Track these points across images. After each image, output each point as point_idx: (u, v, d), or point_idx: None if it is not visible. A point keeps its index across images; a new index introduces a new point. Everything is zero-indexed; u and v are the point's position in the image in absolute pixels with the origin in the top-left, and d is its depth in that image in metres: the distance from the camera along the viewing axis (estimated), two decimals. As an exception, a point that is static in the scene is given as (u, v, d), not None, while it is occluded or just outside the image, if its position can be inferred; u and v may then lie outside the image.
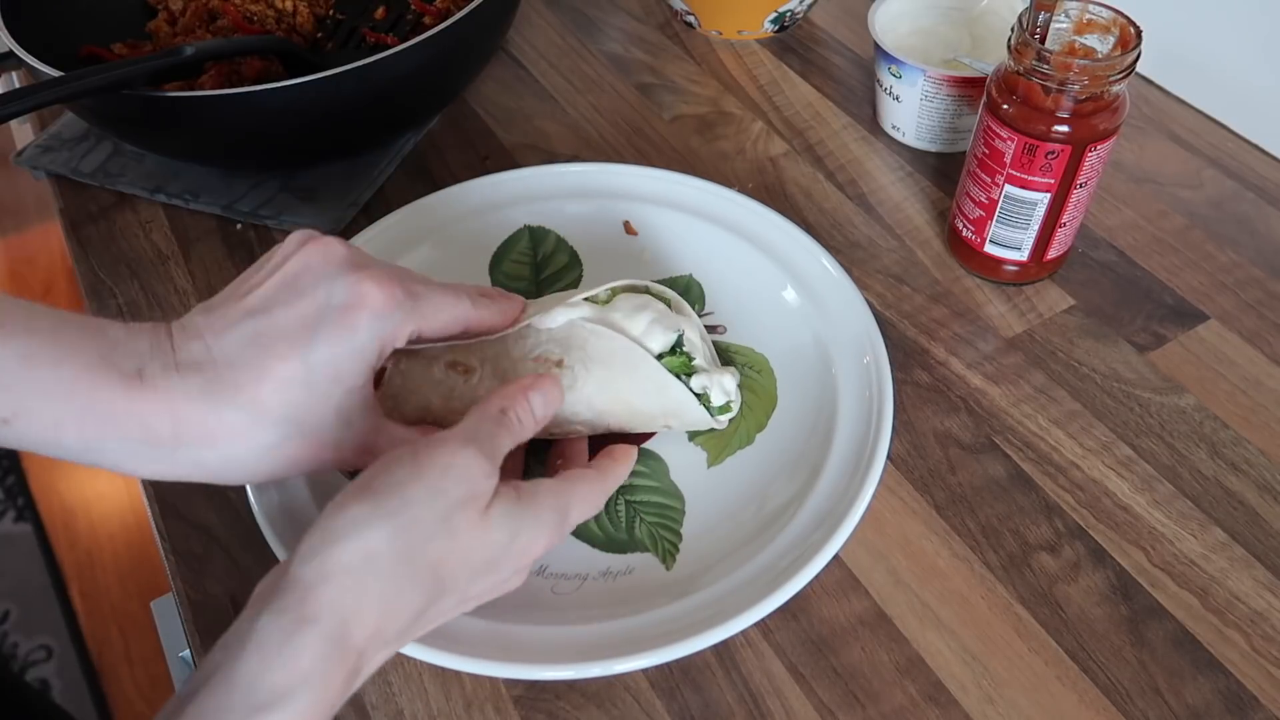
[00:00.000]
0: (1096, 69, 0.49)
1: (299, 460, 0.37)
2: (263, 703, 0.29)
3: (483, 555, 0.35)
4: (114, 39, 0.69)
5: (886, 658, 0.45)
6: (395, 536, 0.32)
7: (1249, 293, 0.59)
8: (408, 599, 0.33)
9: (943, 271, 0.61)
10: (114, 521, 1.55)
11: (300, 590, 0.31)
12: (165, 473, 0.36)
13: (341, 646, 0.31)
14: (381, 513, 0.32)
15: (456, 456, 0.34)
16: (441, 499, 0.33)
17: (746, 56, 0.78)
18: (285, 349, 0.35)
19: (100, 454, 0.34)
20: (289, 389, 0.35)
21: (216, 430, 0.35)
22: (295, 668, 0.30)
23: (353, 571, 0.31)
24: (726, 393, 0.48)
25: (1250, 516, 0.49)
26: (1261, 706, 0.43)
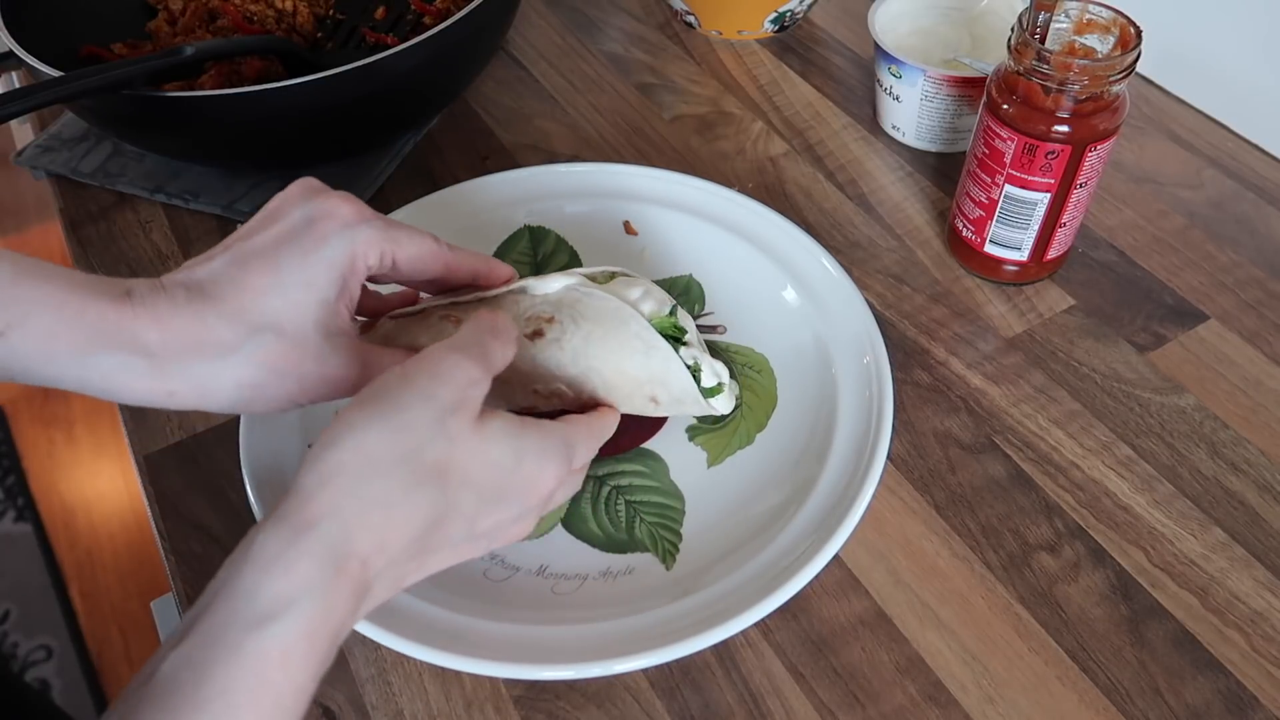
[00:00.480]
0: (1096, 69, 0.49)
1: (284, 370, 0.37)
2: (263, 613, 0.28)
3: (486, 475, 0.34)
4: (114, 39, 0.69)
5: (886, 658, 0.45)
6: (392, 437, 0.32)
7: (1249, 293, 0.59)
8: (413, 504, 0.32)
9: (943, 271, 0.61)
10: (114, 521, 1.55)
11: (300, 497, 0.30)
12: (156, 390, 0.36)
13: (343, 553, 0.30)
14: (375, 415, 0.32)
15: (443, 361, 0.34)
16: (433, 402, 0.33)
17: (746, 56, 0.78)
18: (260, 263, 0.37)
19: (93, 367, 0.35)
20: (265, 296, 0.36)
21: (202, 338, 0.36)
22: (295, 575, 0.29)
23: (351, 472, 0.31)
24: (718, 375, 0.46)
25: (1250, 516, 0.49)
26: (1261, 706, 0.43)
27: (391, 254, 0.40)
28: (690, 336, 0.46)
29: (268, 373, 0.37)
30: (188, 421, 0.55)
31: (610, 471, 0.50)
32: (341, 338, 0.39)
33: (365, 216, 0.39)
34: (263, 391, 0.37)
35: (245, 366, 0.36)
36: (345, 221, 0.38)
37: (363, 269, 0.39)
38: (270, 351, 0.37)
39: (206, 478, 0.52)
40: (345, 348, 0.39)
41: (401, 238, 0.40)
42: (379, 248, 0.39)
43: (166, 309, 0.36)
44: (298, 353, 0.37)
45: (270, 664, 0.28)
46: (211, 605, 0.29)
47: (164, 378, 0.36)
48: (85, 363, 0.35)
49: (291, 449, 0.50)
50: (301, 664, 0.28)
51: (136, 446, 0.54)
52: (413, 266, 0.41)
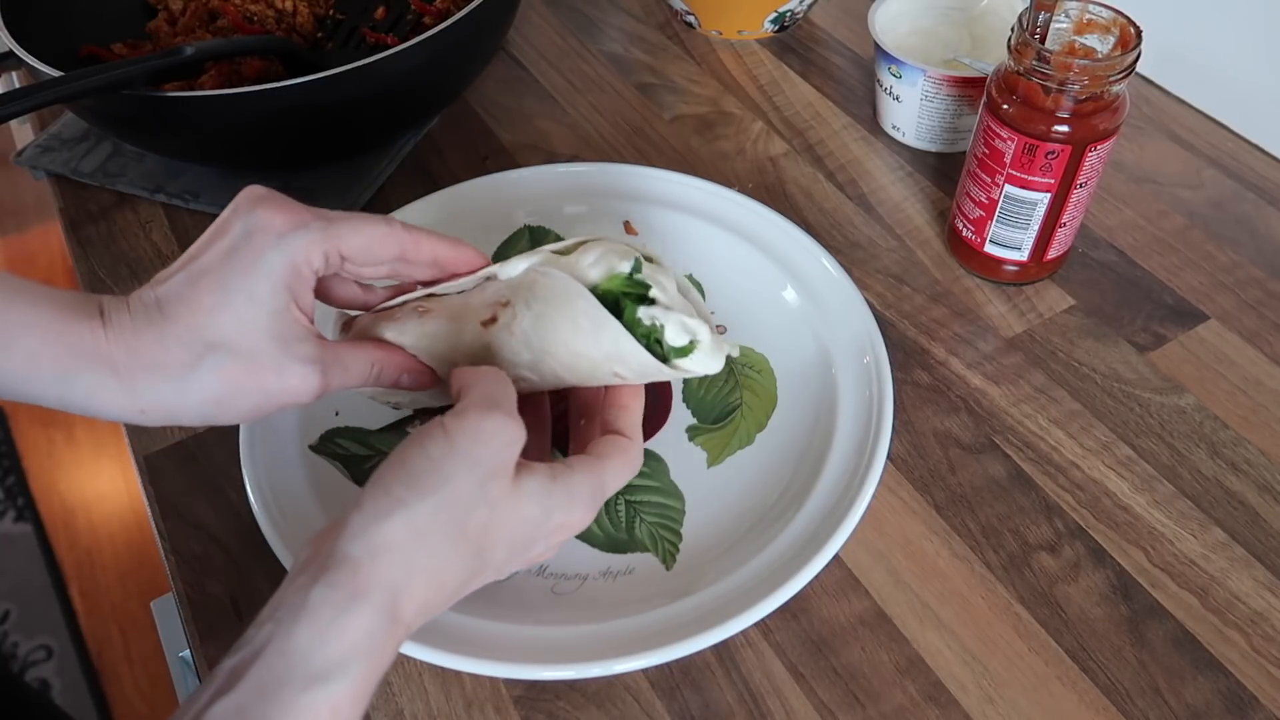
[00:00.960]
0: (1096, 69, 0.49)
1: (244, 386, 0.38)
2: (318, 673, 0.30)
3: (518, 530, 0.36)
4: (114, 39, 0.69)
5: (886, 658, 0.45)
6: (439, 511, 0.34)
7: (1249, 293, 0.59)
8: (453, 570, 0.35)
9: (943, 271, 0.61)
10: (114, 521, 1.55)
11: (351, 567, 0.32)
12: (129, 408, 0.37)
13: (392, 619, 0.32)
14: (422, 490, 0.34)
15: (484, 421, 0.35)
16: (478, 467, 0.34)
17: (746, 56, 0.78)
18: (208, 281, 0.38)
19: (73, 387, 0.36)
20: (215, 315, 0.37)
21: (161, 359, 0.37)
22: (350, 640, 0.31)
23: (401, 548, 0.33)
24: (689, 331, 0.41)
25: (1250, 516, 0.49)
26: (1261, 706, 0.43)
27: (336, 251, 0.39)
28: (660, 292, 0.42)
29: (228, 389, 0.37)
30: (188, 421, 0.55)
31: (610, 471, 0.50)
32: (301, 345, 0.39)
33: (300, 222, 0.38)
34: (228, 407, 0.38)
35: (205, 386, 0.37)
36: (279, 232, 0.38)
37: (309, 274, 0.39)
38: (227, 370, 0.37)
39: (206, 478, 0.52)
40: (304, 356, 0.39)
41: (344, 232, 0.39)
42: (320, 249, 0.38)
43: (129, 330, 0.37)
44: (254, 368, 0.38)
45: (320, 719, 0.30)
46: (261, 658, 0.31)
47: (134, 396, 0.37)
48: (65, 381, 0.36)
49: (291, 449, 0.50)
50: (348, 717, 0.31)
51: (136, 446, 0.54)
52: (364, 256, 0.40)
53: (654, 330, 0.41)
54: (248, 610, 0.47)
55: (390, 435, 0.52)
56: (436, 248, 0.42)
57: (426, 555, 0.33)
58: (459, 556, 0.34)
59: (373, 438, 0.52)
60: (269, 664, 0.30)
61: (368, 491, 0.34)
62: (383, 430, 0.52)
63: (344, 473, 0.50)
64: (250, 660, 0.31)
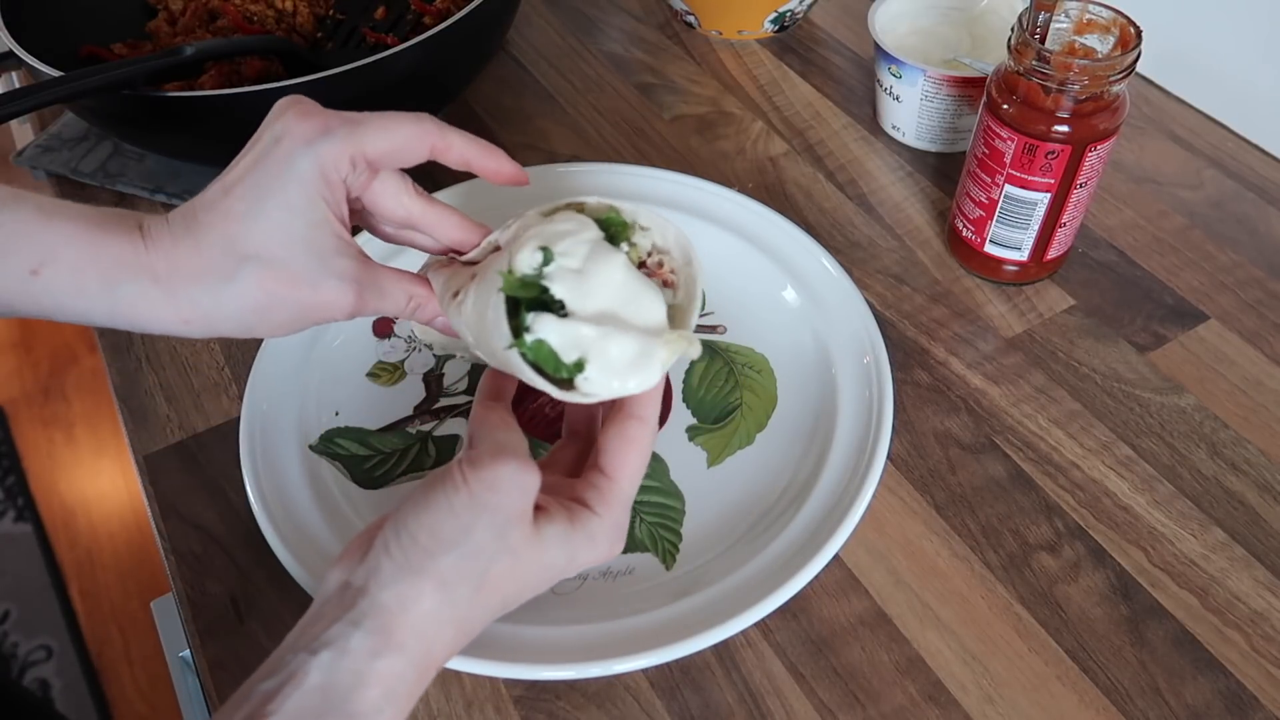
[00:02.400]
0: (1096, 69, 0.49)
1: (280, 296, 0.38)
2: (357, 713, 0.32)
3: (541, 575, 0.37)
4: (114, 39, 0.69)
5: (886, 658, 0.45)
6: (462, 562, 0.34)
7: (1249, 293, 0.59)
8: (478, 616, 0.36)
9: (943, 271, 0.61)
10: (114, 521, 1.55)
11: (386, 615, 0.33)
12: (173, 318, 0.38)
13: (424, 666, 0.34)
14: (445, 542, 0.34)
15: (499, 469, 0.35)
16: (498, 516, 0.35)
17: (746, 56, 0.78)
18: (241, 189, 0.38)
19: (118, 297, 0.37)
20: (250, 223, 0.37)
21: (201, 269, 0.37)
22: (386, 685, 0.33)
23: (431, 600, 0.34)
24: (579, 348, 0.34)
25: (1250, 516, 0.49)
26: (1261, 706, 0.43)
27: (362, 155, 0.38)
28: (570, 293, 0.35)
29: (264, 299, 0.38)
30: (188, 421, 0.55)
31: (610, 471, 0.50)
32: (337, 259, 0.38)
33: (327, 128, 0.38)
34: (266, 316, 0.38)
35: (243, 294, 0.37)
36: (305, 138, 0.38)
37: (338, 181, 0.38)
38: (263, 278, 0.37)
39: (206, 478, 0.52)
40: (340, 271, 0.38)
41: (369, 135, 0.38)
42: (346, 154, 0.38)
43: (169, 241, 0.37)
44: (290, 278, 0.38)
45: None
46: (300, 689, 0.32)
47: (176, 306, 0.37)
48: (112, 294, 0.37)
49: (291, 449, 0.50)
50: None
51: (136, 446, 0.54)
52: (393, 159, 0.39)
53: (535, 350, 0.35)
54: (248, 610, 0.47)
55: (390, 435, 0.52)
56: (467, 149, 0.41)
57: (452, 606, 0.34)
58: (483, 604, 0.36)
59: (373, 438, 0.52)
60: (309, 697, 0.32)
61: (394, 536, 0.35)
62: (383, 430, 0.52)
63: (344, 473, 0.50)
64: (288, 689, 0.32)
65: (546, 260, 0.35)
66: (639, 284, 0.36)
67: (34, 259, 0.36)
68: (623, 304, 0.35)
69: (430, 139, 0.40)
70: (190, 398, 0.56)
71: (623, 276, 0.36)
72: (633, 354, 0.35)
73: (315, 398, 0.53)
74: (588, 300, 0.35)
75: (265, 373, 0.52)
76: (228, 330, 0.38)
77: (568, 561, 0.37)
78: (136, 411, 0.55)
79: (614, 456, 0.38)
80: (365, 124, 0.38)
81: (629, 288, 0.36)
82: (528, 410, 0.52)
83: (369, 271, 0.40)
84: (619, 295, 0.35)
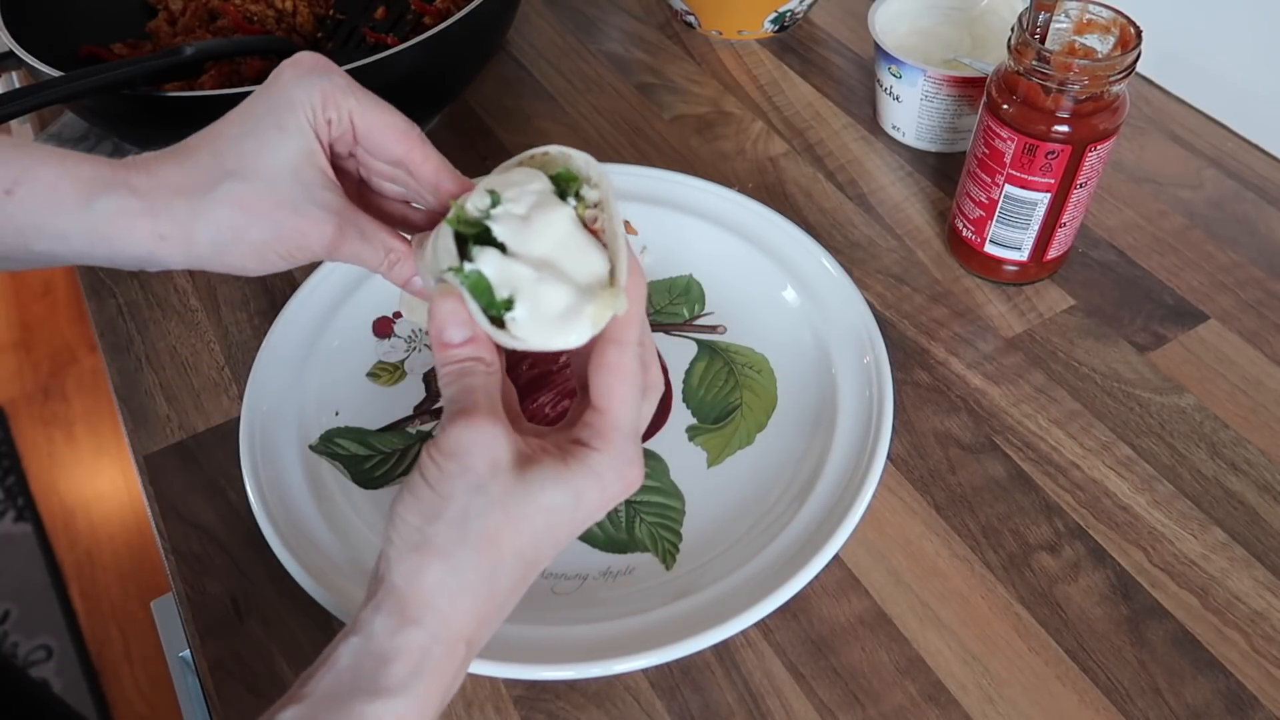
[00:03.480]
0: (1096, 69, 0.49)
1: (258, 213, 0.38)
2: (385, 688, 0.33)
3: (548, 521, 0.35)
4: (114, 39, 0.69)
5: (886, 658, 0.45)
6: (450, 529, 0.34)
7: (1249, 293, 0.59)
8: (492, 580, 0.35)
9: (943, 271, 0.61)
10: (114, 521, 1.55)
11: (398, 594, 0.34)
12: (149, 231, 0.38)
13: (450, 638, 0.34)
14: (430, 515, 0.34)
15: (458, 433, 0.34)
16: (469, 475, 0.34)
17: (746, 56, 0.78)
18: (236, 116, 0.39)
19: (96, 212, 0.37)
20: (238, 143, 0.38)
21: (181, 181, 0.38)
22: (410, 660, 0.33)
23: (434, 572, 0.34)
24: (511, 286, 0.34)
25: (1250, 516, 0.49)
26: (1261, 706, 0.43)
27: (349, 114, 0.39)
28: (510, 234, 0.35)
29: (243, 215, 0.38)
30: (188, 421, 0.55)
31: (610, 471, 0.50)
32: (322, 192, 0.39)
33: (328, 68, 0.39)
34: (243, 234, 0.38)
35: (220, 207, 0.37)
36: (308, 69, 0.39)
37: (323, 122, 0.39)
38: (244, 194, 0.37)
39: (206, 478, 0.52)
40: (324, 203, 0.39)
41: (366, 104, 0.39)
42: (337, 102, 0.38)
43: (153, 162, 0.38)
44: (271, 198, 0.38)
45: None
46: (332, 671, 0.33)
47: (154, 218, 0.37)
48: (88, 208, 0.37)
49: (291, 449, 0.50)
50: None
51: (136, 446, 0.54)
52: (373, 139, 0.40)
53: (474, 281, 0.35)
54: (247, 610, 0.47)
55: (390, 435, 0.52)
56: (440, 172, 0.40)
57: (458, 574, 0.34)
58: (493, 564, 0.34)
59: (372, 438, 0.52)
60: (339, 678, 0.33)
61: (392, 525, 0.35)
62: (382, 430, 0.52)
63: (344, 473, 0.50)
64: (322, 673, 0.33)
65: (494, 203, 0.36)
66: (582, 239, 0.36)
67: (8, 179, 0.37)
68: (563, 256, 0.35)
69: (410, 143, 0.40)
70: (190, 398, 0.56)
71: (566, 229, 0.36)
72: (564, 306, 0.35)
73: (315, 398, 0.53)
74: (529, 246, 0.35)
75: (265, 373, 0.52)
76: (201, 246, 0.38)
77: (574, 501, 0.35)
78: (136, 411, 0.55)
79: (599, 387, 0.36)
80: (362, 91, 0.39)
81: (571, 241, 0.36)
82: (527, 410, 0.52)
83: (353, 212, 0.39)
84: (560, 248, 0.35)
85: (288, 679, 0.45)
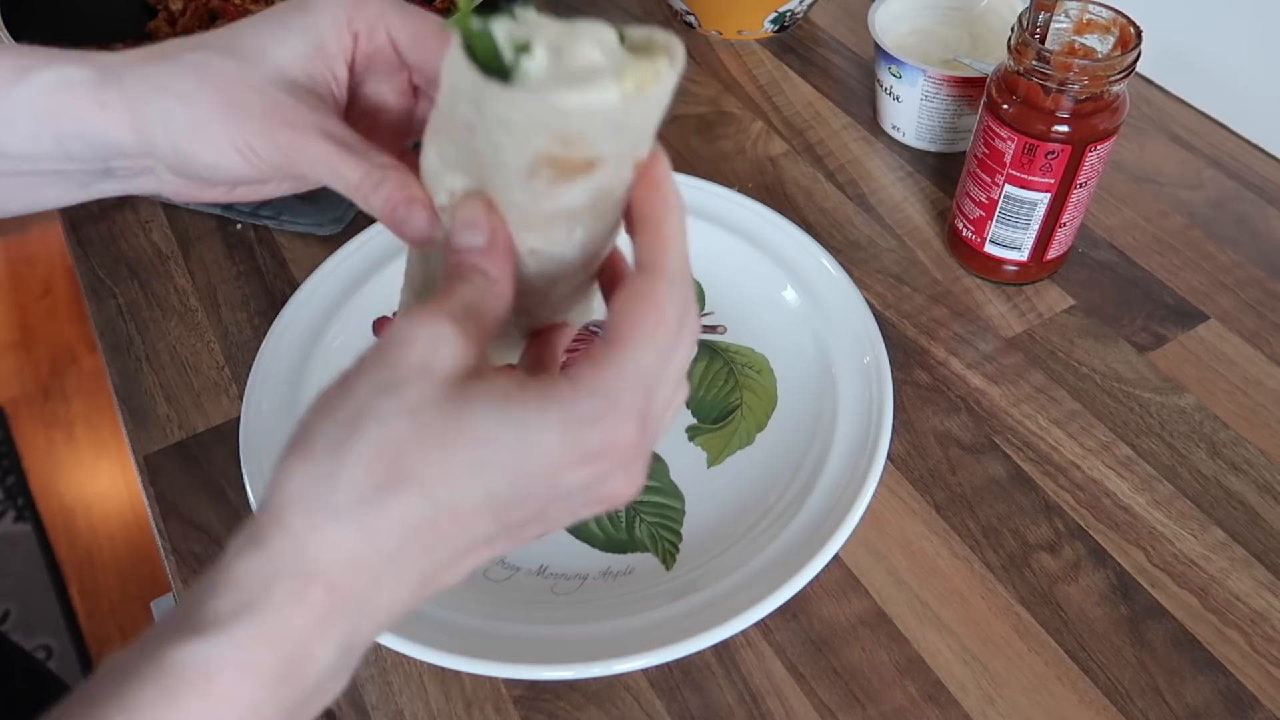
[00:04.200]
0: (1096, 69, 0.49)
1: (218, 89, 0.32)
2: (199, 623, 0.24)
3: (475, 457, 0.26)
4: (114, 39, 0.69)
5: (886, 658, 0.45)
6: (335, 429, 0.26)
7: (1249, 293, 0.59)
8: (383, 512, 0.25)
9: (943, 271, 0.61)
10: (114, 521, 1.55)
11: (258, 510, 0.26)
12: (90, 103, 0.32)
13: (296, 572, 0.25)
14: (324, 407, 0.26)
15: (398, 323, 0.27)
16: (386, 371, 0.26)
17: (746, 56, 0.78)
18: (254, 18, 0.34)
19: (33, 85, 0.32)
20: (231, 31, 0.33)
21: (147, 55, 0.33)
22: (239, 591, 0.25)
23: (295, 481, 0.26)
24: (529, 33, 0.27)
25: (1250, 516, 0.49)
26: (1261, 706, 0.43)
27: (386, 26, 0.33)
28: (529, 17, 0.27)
29: (197, 87, 0.32)
30: (188, 421, 0.55)
31: (610, 471, 0.50)
32: (301, 91, 0.32)
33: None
34: (194, 109, 0.32)
35: (176, 75, 0.32)
36: None
37: (347, 36, 0.33)
38: (206, 64, 0.32)
39: (206, 478, 0.52)
40: (298, 96, 0.32)
41: (406, 11, 0.34)
42: (367, 15, 0.33)
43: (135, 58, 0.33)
44: (238, 75, 0.32)
45: (189, 687, 0.23)
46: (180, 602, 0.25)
47: (100, 87, 0.32)
48: (30, 79, 0.32)
49: (291, 449, 0.50)
50: (227, 694, 0.23)
51: (136, 446, 0.54)
52: (416, 49, 0.34)
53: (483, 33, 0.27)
54: (248, 610, 0.47)
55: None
56: None
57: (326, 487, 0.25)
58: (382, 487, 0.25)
59: (373, 438, 0.52)
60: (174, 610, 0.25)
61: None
62: (383, 430, 0.52)
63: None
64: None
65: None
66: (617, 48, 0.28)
67: None
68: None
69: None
70: (190, 398, 0.56)
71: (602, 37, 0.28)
72: (592, 60, 0.27)
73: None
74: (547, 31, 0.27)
75: (265, 373, 0.52)
76: (152, 130, 0.32)
77: (515, 436, 0.25)
78: (136, 411, 0.55)
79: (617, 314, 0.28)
80: (404, 7, 0.34)
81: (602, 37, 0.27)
82: None
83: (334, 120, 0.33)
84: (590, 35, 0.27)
85: (288, 679, 0.45)
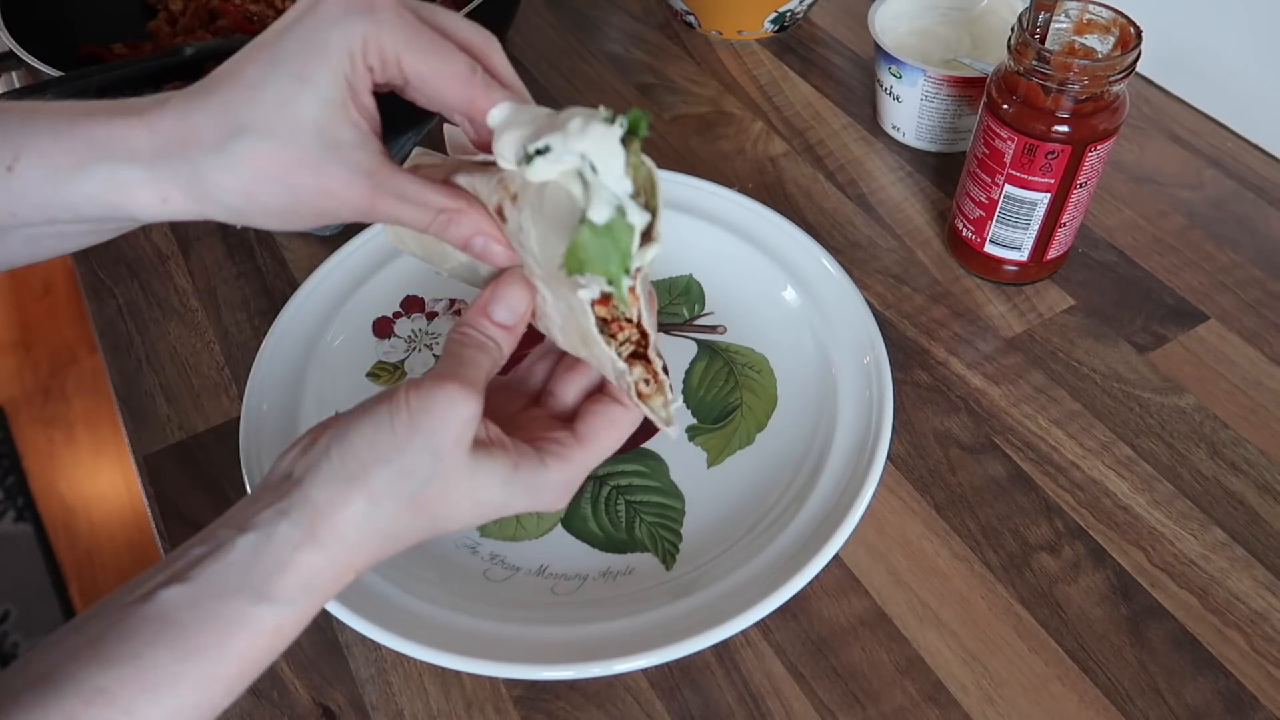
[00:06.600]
0: (1096, 69, 0.49)
1: (272, 176, 0.33)
2: (271, 595, 0.33)
3: (474, 511, 0.37)
4: (114, 39, 0.69)
5: (886, 658, 0.45)
6: (394, 480, 0.34)
7: (1249, 293, 0.59)
8: (404, 534, 0.36)
9: (943, 271, 0.61)
10: (114, 521, 1.55)
11: (313, 511, 0.34)
12: (151, 197, 0.34)
13: (343, 569, 0.34)
14: (380, 458, 0.34)
15: (437, 392, 0.34)
16: (432, 440, 0.34)
17: (746, 56, 0.78)
18: (260, 54, 0.34)
19: (92, 179, 0.34)
20: (257, 91, 0.33)
21: (186, 138, 0.33)
22: (303, 578, 0.33)
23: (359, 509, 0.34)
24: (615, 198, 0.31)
25: (1250, 516, 0.49)
26: (1261, 706, 0.43)
27: (398, 61, 0.33)
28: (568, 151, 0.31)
29: (254, 177, 0.33)
30: (188, 421, 0.55)
31: (610, 471, 0.50)
32: (348, 150, 0.34)
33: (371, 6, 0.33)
34: (255, 199, 0.34)
35: (230, 169, 0.33)
36: (349, 6, 0.33)
37: (363, 70, 0.33)
38: (255, 153, 0.33)
39: (206, 478, 0.52)
40: (351, 163, 0.34)
41: (422, 46, 0.33)
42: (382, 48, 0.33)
43: (158, 115, 0.34)
44: (287, 157, 0.33)
45: (262, 636, 0.33)
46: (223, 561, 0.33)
47: (156, 183, 0.34)
48: (85, 175, 0.34)
49: (291, 449, 0.50)
50: (284, 642, 0.34)
51: (136, 446, 0.54)
52: (427, 89, 0.34)
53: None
54: (248, 610, 0.47)
55: (390, 435, 0.52)
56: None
57: (377, 519, 0.34)
58: (410, 522, 0.35)
59: (373, 438, 0.52)
60: (228, 570, 0.33)
61: (336, 442, 0.35)
62: (383, 430, 0.52)
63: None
64: (209, 560, 0.33)
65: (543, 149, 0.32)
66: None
67: (9, 156, 0.34)
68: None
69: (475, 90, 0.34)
70: (190, 398, 0.56)
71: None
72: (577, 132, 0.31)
73: (315, 398, 0.53)
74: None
75: (265, 373, 0.52)
76: (215, 211, 0.34)
77: (503, 504, 0.37)
78: (136, 411, 0.55)
79: (591, 427, 0.38)
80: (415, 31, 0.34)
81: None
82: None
83: (388, 171, 0.35)
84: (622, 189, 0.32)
85: (286, 678, 0.45)
